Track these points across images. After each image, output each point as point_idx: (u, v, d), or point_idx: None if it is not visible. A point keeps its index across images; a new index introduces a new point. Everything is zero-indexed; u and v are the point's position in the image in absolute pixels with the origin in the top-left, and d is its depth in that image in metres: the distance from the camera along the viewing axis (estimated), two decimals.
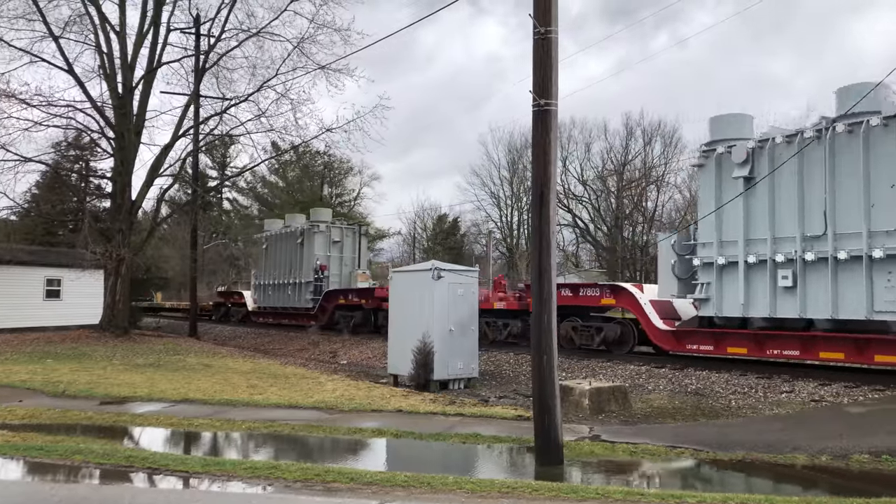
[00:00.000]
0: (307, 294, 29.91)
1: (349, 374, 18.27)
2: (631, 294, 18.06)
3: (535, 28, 8.79)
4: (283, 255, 32.20)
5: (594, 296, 19.00)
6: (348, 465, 8.54)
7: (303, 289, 30.24)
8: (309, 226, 30.57)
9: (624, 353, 18.19)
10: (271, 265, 33.26)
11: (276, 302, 32.58)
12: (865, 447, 8.71)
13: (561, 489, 6.63)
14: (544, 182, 8.73)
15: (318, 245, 30.25)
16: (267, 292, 33.54)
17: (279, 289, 32.31)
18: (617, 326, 18.81)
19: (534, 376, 8.65)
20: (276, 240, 33.26)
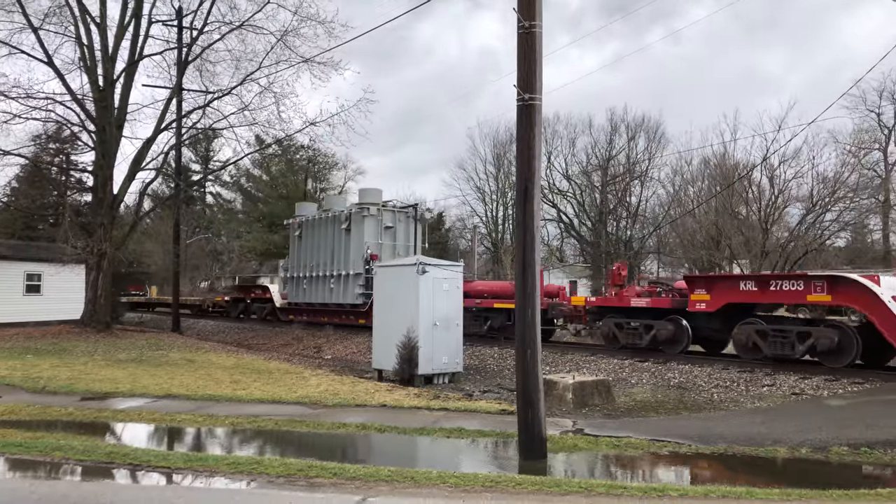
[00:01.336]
0: (355, 288, 26.02)
1: (333, 369, 18.22)
2: (863, 288, 13.54)
3: (519, 22, 8.78)
4: (322, 243, 28.27)
5: (795, 290, 14.61)
6: (332, 460, 8.51)
7: (349, 282, 26.32)
8: (357, 209, 26.64)
9: (843, 366, 14.00)
10: (306, 255, 29.28)
11: (312, 297, 28.65)
12: (844, 439, 8.81)
13: (544, 483, 6.64)
14: (528, 177, 8.73)
15: (369, 231, 26.28)
16: (300, 286, 29.59)
17: (317, 282, 28.42)
18: (833, 332, 14.16)
19: (518, 370, 8.67)
20: (311, 226, 29.28)
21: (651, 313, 17.63)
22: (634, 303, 17.89)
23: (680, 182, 46.81)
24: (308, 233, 29.37)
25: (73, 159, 35.52)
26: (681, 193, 45.93)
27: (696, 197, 42.60)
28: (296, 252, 30.20)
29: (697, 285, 16.32)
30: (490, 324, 21.99)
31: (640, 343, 17.59)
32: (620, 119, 53.59)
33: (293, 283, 30.22)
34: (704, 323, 16.64)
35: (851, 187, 34.02)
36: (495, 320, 21.85)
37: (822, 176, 34.42)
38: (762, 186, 36.10)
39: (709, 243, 36.54)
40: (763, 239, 33.25)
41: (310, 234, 29.20)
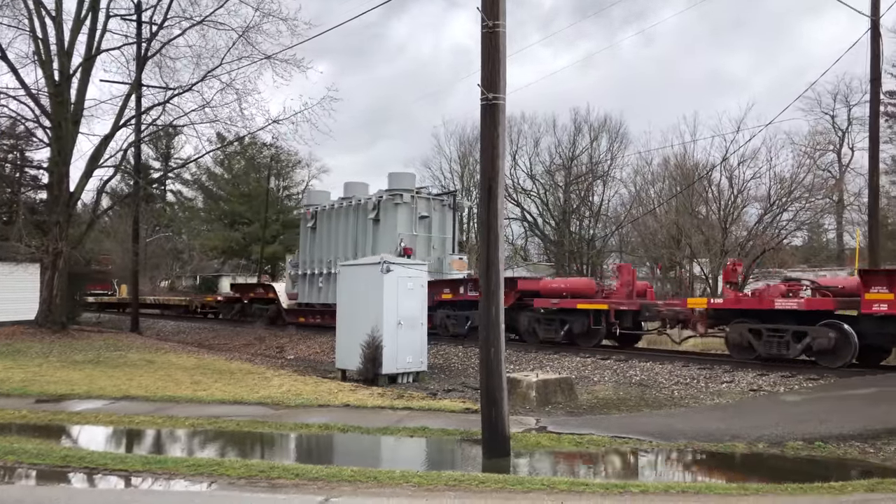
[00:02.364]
0: None
1: (296, 369, 18.06)
2: None
3: (483, 21, 8.80)
4: (343, 234, 25.29)
5: None
6: (294, 460, 8.45)
7: None
8: (389, 195, 23.59)
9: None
10: (321, 249, 26.10)
11: (331, 297, 24.57)
12: (800, 434, 9.01)
13: (507, 481, 6.67)
14: (492, 176, 8.76)
15: (402, 221, 23.30)
16: (314, 284, 26.19)
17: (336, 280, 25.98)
18: None
19: (481, 369, 8.69)
20: (329, 215, 26.15)
21: (796, 317, 14.51)
22: (780, 304, 14.52)
23: (641, 182, 47.43)
24: (324, 223, 26.28)
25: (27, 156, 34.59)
26: (642, 193, 46.54)
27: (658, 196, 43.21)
28: (308, 246, 26.85)
29: (877, 282, 13.24)
30: (568, 328, 18.52)
31: (788, 353, 14.49)
32: (584, 119, 54.05)
33: (305, 282, 26.70)
34: (876, 329, 13.53)
35: (807, 188, 34.79)
36: (575, 324, 18.38)
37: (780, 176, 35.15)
38: (721, 186, 36.73)
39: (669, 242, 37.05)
40: (722, 238, 33.82)
41: (326, 225, 26.20)
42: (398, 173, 25.01)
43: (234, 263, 58.13)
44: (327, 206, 26.50)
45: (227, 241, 52.74)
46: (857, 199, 38.44)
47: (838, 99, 43.72)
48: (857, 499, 6.03)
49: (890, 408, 9.82)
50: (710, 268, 34.09)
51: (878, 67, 18.97)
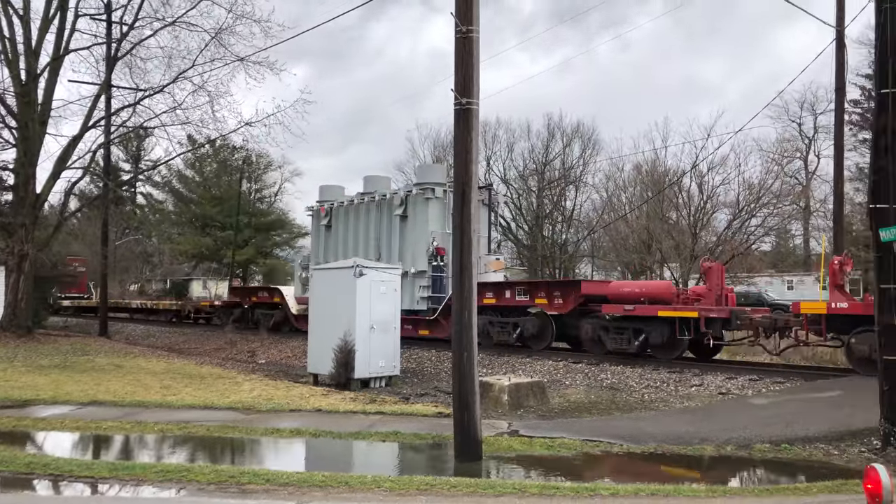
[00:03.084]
0: (416, 290, 21.21)
1: (267, 373, 17.93)
2: None
3: (456, 27, 8.85)
4: (364, 233, 23.10)
5: None
6: (265, 466, 8.38)
7: (407, 283, 20.73)
8: (419, 190, 21.51)
9: None
10: (338, 249, 23.89)
11: None
12: (767, 437, 9.15)
13: (479, 485, 6.69)
14: (466, 180, 8.81)
15: (434, 217, 21.19)
16: None
17: None
18: None
19: (454, 373, 8.71)
20: (347, 212, 24.04)
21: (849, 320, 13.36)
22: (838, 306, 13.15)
23: (613, 187, 47.88)
24: (341, 221, 24.16)
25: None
26: (614, 198, 46.97)
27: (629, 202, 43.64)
28: (322, 245, 24.72)
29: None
30: (644, 338, 16.25)
31: None
32: (557, 125, 54.46)
33: None
34: None
35: (775, 194, 35.42)
36: (653, 334, 16.10)
37: (748, 183, 35.74)
38: (692, 192, 37.25)
39: (640, 247, 37.46)
40: (692, 243, 34.27)
41: (344, 223, 24.09)
42: (428, 165, 23.82)
43: (205, 267, 57.49)
44: (345, 201, 24.22)
45: (198, 245, 52.12)
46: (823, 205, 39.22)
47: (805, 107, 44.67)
48: (821, 500, 6.14)
49: (853, 410, 10.02)
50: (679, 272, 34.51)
51: (843, 77, 19.38)
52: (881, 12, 8.37)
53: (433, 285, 20.83)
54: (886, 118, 8.32)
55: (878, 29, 8.45)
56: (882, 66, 8.41)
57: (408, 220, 21.82)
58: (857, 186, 35.61)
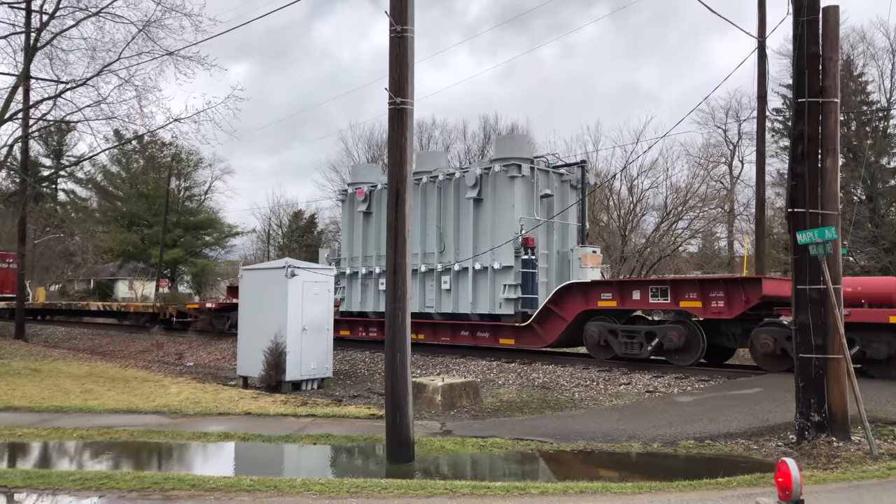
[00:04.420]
0: (499, 290, 17.84)
1: (196, 376, 17.47)
2: None
3: (391, 26, 8.81)
4: (421, 220, 19.67)
5: None
6: (192, 471, 8.15)
7: (488, 281, 18.08)
8: (502, 167, 18.08)
9: None
10: (382, 240, 19.87)
11: None
12: (691, 433, 9.43)
13: (410, 486, 6.67)
14: (400, 181, 8.79)
15: (520, 201, 17.91)
16: (368, 288, 21.01)
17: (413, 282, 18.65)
18: None
19: (387, 375, 8.67)
20: None
21: None
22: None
23: None
24: (383, 207, 20.53)
25: None
26: None
27: None
28: (360, 236, 21.49)
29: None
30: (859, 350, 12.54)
31: None
32: (493, 127, 54.90)
33: (353, 284, 21.44)
34: None
35: (701, 197, 36.56)
36: (879, 346, 12.39)
37: (676, 186, 36.81)
38: (622, 195, 38.11)
39: None
40: (622, 245, 35.07)
41: None
42: (510, 136, 19.47)
43: (131, 267, 55.68)
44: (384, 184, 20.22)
45: (124, 244, 50.36)
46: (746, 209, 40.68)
47: (730, 114, 46.17)
48: (740, 493, 6.35)
49: (772, 406, 10.41)
50: (610, 274, 35.23)
51: (765, 86, 20.19)
52: (798, 25, 8.74)
53: (524, 284, 17.62)
54: (804, 126, 8.68)
55: (796, 41, 8.82)
56: (799, 77, 8.78)
57: (484, 204, 18.49)
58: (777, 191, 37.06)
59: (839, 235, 8.53)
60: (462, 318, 18.84)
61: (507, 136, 19.37)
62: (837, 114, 8.75)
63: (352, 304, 21.52)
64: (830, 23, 8.74)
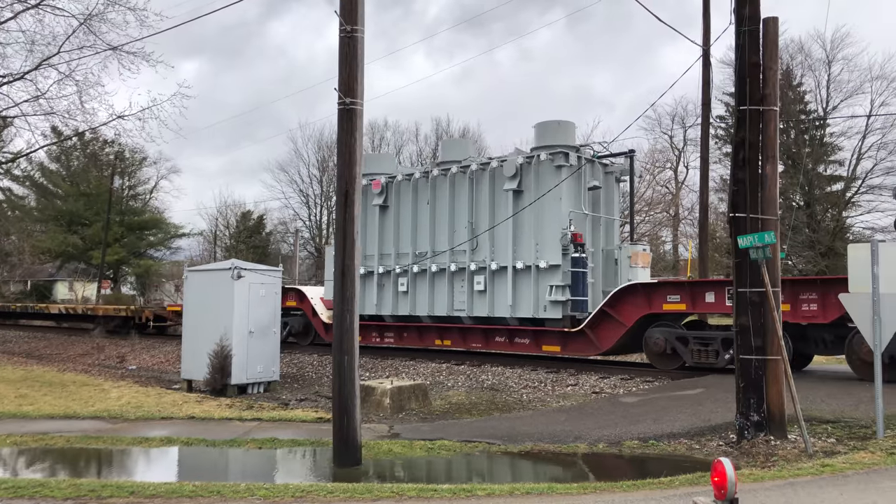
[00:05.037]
0: (544, 292, 16.24)
1: (138, 380, 17.03)
2: None
3: (341, 26, 8.74)
4: (449, 215, 18.24)
5: None
6: (132, 478, 7.93)
7: (530, 281, 16.53)
8: (549, 155, 16.53)
9: None
10: (401, 236, 19.23)
11: (420, 306, 18.52)
12: (635, 434, 9.58)
13: (356, 490, 6.61)
14: (349, 181, 8.73)
15: (568, 193, 16.49)
16: (386, 288, 19.36)
17: (433, 281, 18.33)
18: None
19: (334, 378, 8.59)
20: (416, 188, 19.04)
21: None
22: None
23: None
24: (406, 199, 19.16)
25: None
26: None
27: None
28: (374, 233, 19.77)
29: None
30: None
31: None
32: (445, 130, 55.04)
33: (367, 284, 19.50)
34: None
35: (647, 202, 37.29)
36: None
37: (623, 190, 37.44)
38: None
39: None
40: None
41: (412, 201, 19.04)
42: (554, 122, 17.06)
43: (71, 268, 53.98)
44: (417, 174, 19.13)
45: (64, 244, 48.77)
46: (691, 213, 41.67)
47: (676, 120, 47.20)
48: (682, 492, 6.47)
49: (714, 406, 10.66)
50: None
51: (709, 93, 20.68)
52: (740, 35, 8.98)
53: (572, 285, 16.05)
54: (745, 133, 8.92)
55: (738, 50, 9.06)
56: (741, 85, 9.02)
57: (524, 197, 16.83)
58: (720, 196, 38.04)
59: (778, 240, 8.79)
60: (496, 322, 17.29)
61: (550, 122, 16.95)
62: (777, 122, 9.02)
63: (365, 306, 19.31)
64: (770, 33, 9.01)
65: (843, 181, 38.28)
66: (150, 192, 56.97)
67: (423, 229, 18.76)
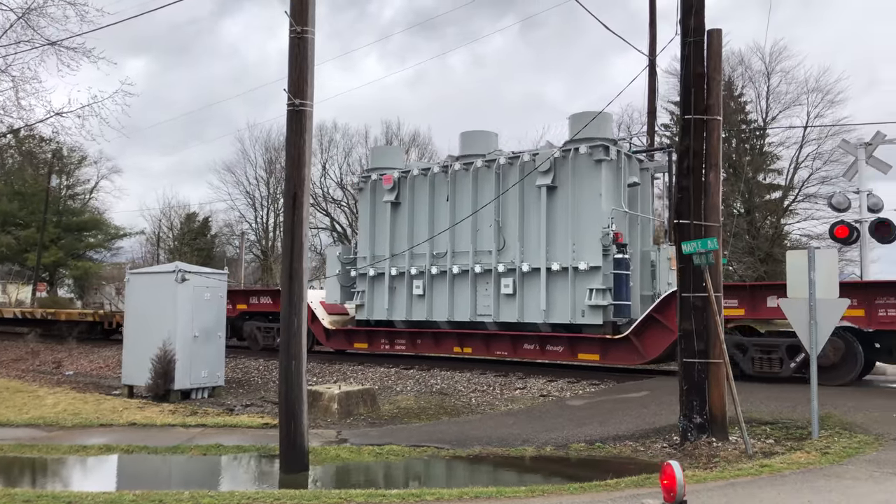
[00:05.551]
0: (582, 295, 15.20)
1: (76, 386, 16.49)
2: None
3: (291, 26, 8.65)
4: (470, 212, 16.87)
5: None
6: (68, 487, 7.67)
7: (567, 283, 15.38)
8: (588, 149, 15.41)
9: None
10: (416, 235, 17.90)
11: (438, 311, 17.36)
12: (582, 436, 9.70)
13: (304, 496, 6.52)
14: (298, 183, 8.64)
15: (608, 189, 15.43)
16: (398, 291, 18.09)
17: (453, 284, 17.15)
18: None
19: (281, 382, 8.47)
20: (433, 183, 17.86)
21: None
22: None
23: None
24: (420, 196, 17.99)
25: None
26: None
27: None
28: (386, 230, 18.39)
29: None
30: None
31: None
32: (395, 133, 54.91)
33: (376, 287, 18.46)
34: None
35: None
36: None
37: None
38: None
39: None
40: None
41: (428, 198, 17.76)
42: (590, 113, 15.45)
43: (5, 270, 51.98)
44: (435, 168, 17.98)
45: None
46: None
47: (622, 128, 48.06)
48: (627, 494, 6.57)
49: (658, 408, 10.87)
50: None
51: (654, 102, 21.19)
52: (686, 46, 9.20)
53: (614, 288, 14.86)
54: (690, 141, 9.13)
55: (684, 61, 9.28)
56: (686, 95, 9.24)
57: (559, 193, 15.82)
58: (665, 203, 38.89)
59: (721, 246, 9.02)
60: (525, 328, 16.19)
61: (588, 114, 15.49)
62: (720, 131, 9.27)
63: (374, 310, 18.43)
64: (714, 45, 9.25)
65: (782, 190, 39.57)
66: (90, 192, 55.25)
67: (441, 228, 17.39)
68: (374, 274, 18.48)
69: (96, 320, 25.41)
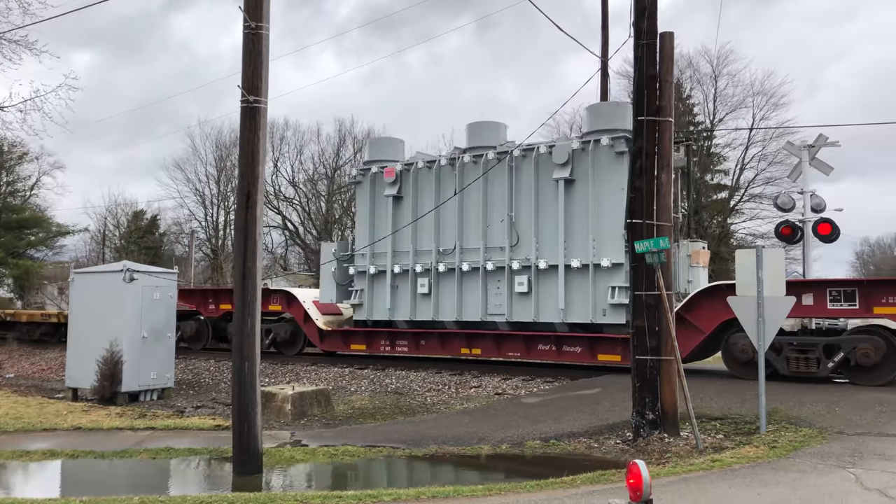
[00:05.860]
0: (605, 294, 14.49)
1: (17, 389, 15.95)
2: None
3: (245, 22, 8.52)
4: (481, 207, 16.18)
5: None
6: (10, 494, 7.41)
7: (594, 282, 14.64)
8: (610, 140, 14.69)
9: None
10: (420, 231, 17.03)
11: (446, 310, 16.52)
12: (537, 434, 9.78)
13: (258, 499, 6.42)
14: (251, 181, 8.52)
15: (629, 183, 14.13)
16: (401, 290, 17.27)
17: (462, 281, 16.28)
18: None
19: (234, 383, 8.34)
20: (439, 176, 16.95)
21: None
22: None
23: None
24: (424, 189, 17.14)
25: None
26: None
27: None
28: (385, 227, 17.50)
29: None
30: None
31: None
32: (348, 131, 54.52)
33: (377, 286, 17.67)
34: None
35: None
36: None
37: None
38: None
39: None
40: None
41: (434, 191, 16.86)
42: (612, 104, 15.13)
43: None
44: (442, 160, 17.00)
45: None
46: None
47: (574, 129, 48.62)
48: (583, 490, 6.65)
49: (611, 405, 11.02)
50: None
51: None
52: (639, 48, 9.34)
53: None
54: (642, 142, 9.27)
55: (637, 63, 9.42)
56: (639, 96, 9.38)
57: (577, 187, 15.09)
58: None
59: (672, 245, 9.18)
60: (539, 328, 15.56)
61: (610, 104, 15.20)
62: (672, 132, 9.43)
63: (374, 310, 17.60)
64: (667, 48, 9.41)
65: (728, 190, 40.57)
66: (31, 188, 53.48)
67: (448, 223, 16.58)
68: (375, 272, 17.65)
69: (61, 322, 22.42)
